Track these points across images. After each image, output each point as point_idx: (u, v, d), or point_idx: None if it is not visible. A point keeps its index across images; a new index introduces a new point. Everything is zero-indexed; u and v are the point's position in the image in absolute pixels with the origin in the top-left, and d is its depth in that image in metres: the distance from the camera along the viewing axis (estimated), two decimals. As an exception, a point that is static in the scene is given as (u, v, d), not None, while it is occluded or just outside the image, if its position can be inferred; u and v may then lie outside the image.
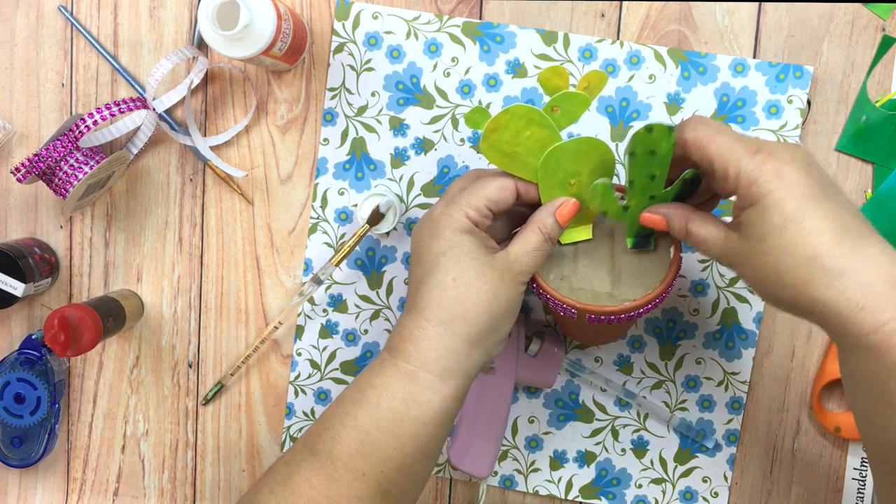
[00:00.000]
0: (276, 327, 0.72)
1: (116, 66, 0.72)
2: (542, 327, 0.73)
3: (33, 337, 0.73)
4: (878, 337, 0.47)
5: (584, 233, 0.60)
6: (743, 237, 0.51)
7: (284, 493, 0.54)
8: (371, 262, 0.73)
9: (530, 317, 0.73)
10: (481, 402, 0.70)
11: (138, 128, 0.71)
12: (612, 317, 0.58)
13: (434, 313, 0.54)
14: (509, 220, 0.61)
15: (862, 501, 0.72)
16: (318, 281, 0.71)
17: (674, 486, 0.73)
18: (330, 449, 0.54)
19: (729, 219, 0.54)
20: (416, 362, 0.54)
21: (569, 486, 0.74)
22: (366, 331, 0.74)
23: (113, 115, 0.68)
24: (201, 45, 0.72)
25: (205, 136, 0.73)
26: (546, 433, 0.74)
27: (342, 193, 0.73)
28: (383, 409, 0.54)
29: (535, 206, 0.58)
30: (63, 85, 0.73)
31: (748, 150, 0.50)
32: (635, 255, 0.60)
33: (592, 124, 0.71)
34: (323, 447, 0.54)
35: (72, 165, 0.68)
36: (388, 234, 0.73)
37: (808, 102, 0.70)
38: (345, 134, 0.72)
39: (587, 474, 0.74)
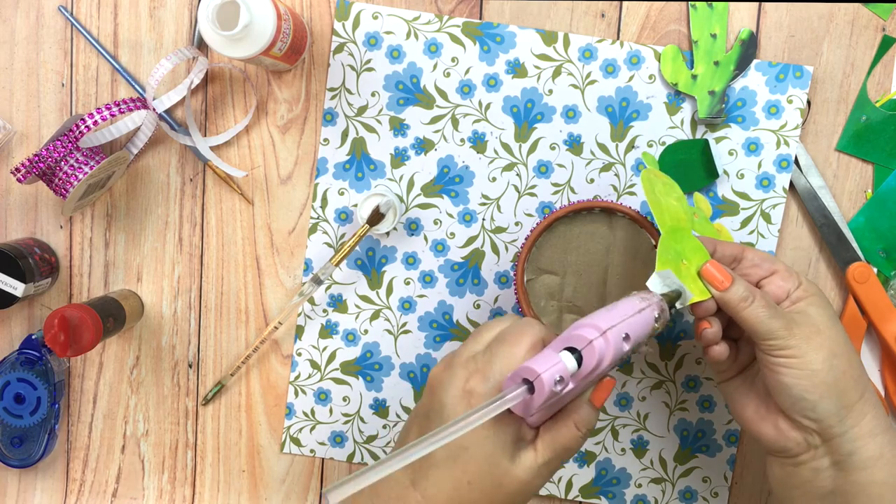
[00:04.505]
0: (276, 327, 0.72)
1: (116, 66, 0.72)
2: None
3: (33, 337, 0.73)
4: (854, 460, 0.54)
5: (702, 294, 0.57)
6: (804, 338, 0.55)
7: None
8: (371, 262, 0.73)
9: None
10: None
11: (138, 128, 0.71)
12: None
13: None
14: None
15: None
16: (318, 281, 0.71)
17: (673, 486, 0.73)
18: None
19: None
20: None
21: (569, 485, 0.74)
22: (366, 331, 0.74)
23: (113, 116, 0.68)
24: (201, 45, 0.72)
25: (205, 136, 0.73)
26: (546, 433, 0.74)
27: (342, 193, 0.73)
28: None
29: None
30: (63, 85, 0.73)
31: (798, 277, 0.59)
32: (628, 278, 0.61)
33: (592, 124, 0.71)
34: None
35: (72, 165, 0.68)
36: (388, 234, 0.73)
37: (808, 102, 0.70)
38: (345, 134, 0.72)
39: (587, 474, 0.74)
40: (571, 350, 0.49)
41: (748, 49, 0.69)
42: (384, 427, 0.74)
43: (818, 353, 0.54)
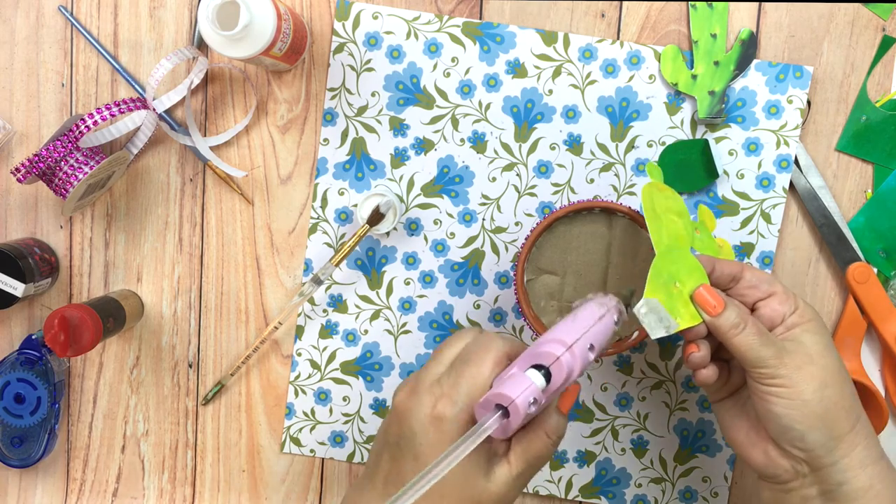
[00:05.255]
0: (276, 327, 0.72)
1: (116, 66, 0.72)
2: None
3: (33, 337, 0.73)
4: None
5: (693, 319, 0.56)
6: (798, 368, 0.55)
7: None
8: (371, 262, 0.73)
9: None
10: None
11: (138, 128, 0.71)
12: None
13: None
14: None
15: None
16: (318, 281, 0.71)
17: (673, 486, 0.73)
18: None
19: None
20: None
21: (569, 485, 0.74)
22: (366, 331, 0.74)
23: (113, 116, 0.68)
24: (201, 45, 0.72)
25: (205, 136, 0.73)
26: (546, 433, 0.74)
27: (342, 193, 0.73)
28: None
29: None
30: (63, 85, 0.73)
31: (797, 300, 0.58)
32: (628, 278, 0.61)
33: (592, 124, 0.71)
34: None
35: (72, 165, 0.68)
36: (388, 234, 0.73)
37: (808, 102, 0.70)
38: (345, 134, 0.72)
39: (587, 474, 0.74)
40: (538, 367, 0.50)
41: (748, 49, 0.69)
42: (384, 427, 0.74)
43: (809, 384, 0.54)
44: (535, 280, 0.66)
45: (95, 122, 0.67)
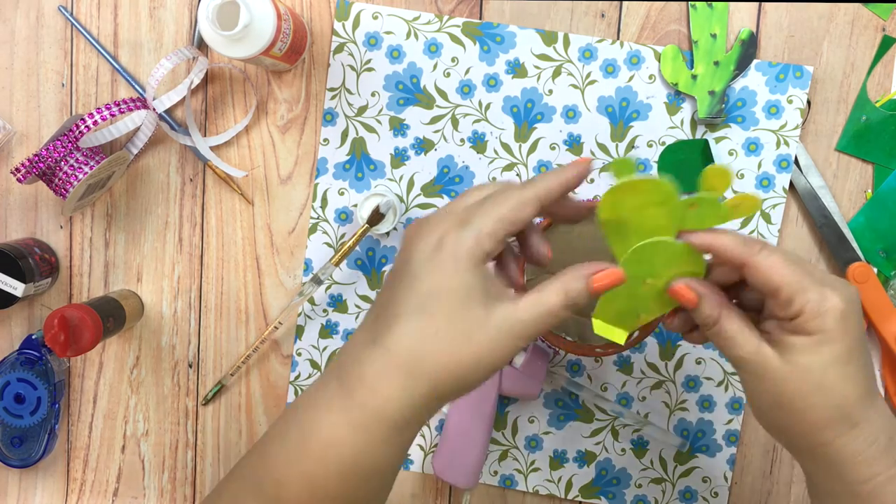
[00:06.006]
0: (276, 327, 0.72)
1: (116, 66, 0.72)
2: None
3: (33, 337, 0.73)
4: (868, 487, 0.49)
5: (619, 336, 0.53)
6: (784, 359, 0.50)
7: None
8: (371, 262, 0.73)
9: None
10: (465, 414, 0.70)
11: (138, 128, 0.71)
12: (598, 350, 0.59)
13: (403, 360, 0.46)
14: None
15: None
16: (318, 281, 0.71)
17: (673, 486, 0.73)
18: (276, 493, 0.49)
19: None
20: (370, 411, 0.47)
21: (569, 485, 0.74)
22: (366, 331, 0.74)
23: (113, 115, 0.68)
24: (201, 45, 0.72)
25: (205, 136, 0.73)
26: (546, 433, 0.74)
27: (342, 193, 0.73)
28: (331, 459, 0.48)
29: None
30: (63, 85, 0.73)
31: (815, 283, 0.49)
32: None
33: (592, 124, 0.71)
34: (269, 490, 0.49)
35: (72, 165, 0.68)
36: (388, 234, 0.73)
37: (808, 102, 0.70)
38: (345, 134, 0.72)
39: (587, 474, 0.74)
40: None
41: (748, 49, 0.69)
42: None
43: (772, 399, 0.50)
44: (534, 280, 0.66)
45: (95, 122, 0.67)
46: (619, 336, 0.52)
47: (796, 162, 0.70)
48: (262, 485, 0.50)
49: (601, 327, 0.53)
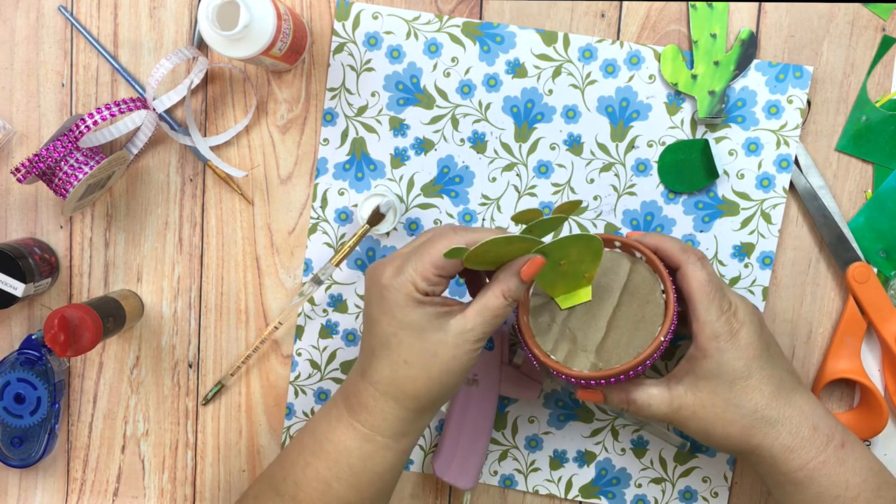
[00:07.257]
0: (276, 327, 0.72)
1: (116, 66, 0.72)
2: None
3: (33, 337, 0.73)
4: (803, 474, 0.58)
5: (584, 294, 0.61)
6: (691, 388, 0.60)
7: None
8: (371, 263, 0.73)
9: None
10: (465, 414, 0.70)
11: (138, 128, 0.71)
12: (594, 381, 0.60)
13: (386, 389, 0.57)
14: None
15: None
16: (318, 281, 0.71)
17: (673, 486, 0.73)
18: (294, 494, 0.59)
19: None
20: (370, 427, 0.58)
21: (569, 485, 0.74)
22: (366, 331, 0.74)
23: (113, 115, 0.68)
24: (201, 45, 0.72)
25: (205, 136, 0.73)
26: (546, 433, 0.74)
27: (342, 193, 0.73)
28: (342, 464, 0.58)
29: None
30: (63, 85, 0.73)
31: (721, 308, 0.58)
32: (633, 321, 0.60)
33: (592, 124, 0.71)
34: (287, 490, 0.59)
35: (72, 165, 0.68)
36: (388, 234, 0.73)
37: (808, 102, 0.70)
38: (345, 134, 0.72)
39: (587, 474, 0.74)
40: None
41: (748, 49, 0.69)
42: (384, 427, 0.74)
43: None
44: (538, 296, 0.63)
45: (95, 122, 0.67)
46: (584, 295, 0.61)
47: (796, 162, 0.70)
48: (282, 486, 0.59)
49: (565, 300, 0.61)
